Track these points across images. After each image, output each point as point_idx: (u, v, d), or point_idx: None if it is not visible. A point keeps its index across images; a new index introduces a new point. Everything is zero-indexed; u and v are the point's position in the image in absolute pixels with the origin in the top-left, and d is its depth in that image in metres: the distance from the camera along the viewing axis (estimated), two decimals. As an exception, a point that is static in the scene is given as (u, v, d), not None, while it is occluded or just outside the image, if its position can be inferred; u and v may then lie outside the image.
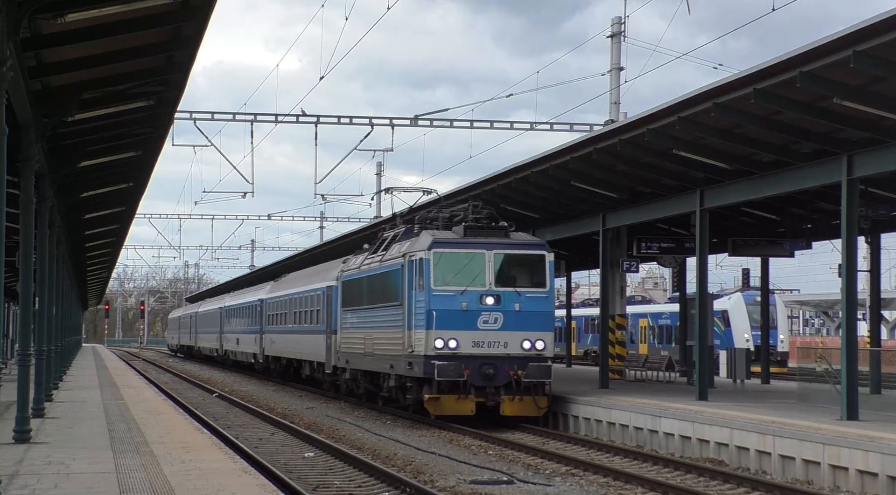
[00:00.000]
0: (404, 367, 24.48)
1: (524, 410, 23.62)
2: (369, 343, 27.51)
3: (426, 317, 23.54)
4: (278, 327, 43.05)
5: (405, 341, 24.33)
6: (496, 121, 37.86)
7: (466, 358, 23.37)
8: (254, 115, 36.13)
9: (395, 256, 25.53)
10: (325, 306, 33.74)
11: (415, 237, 25.12)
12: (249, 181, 39.70)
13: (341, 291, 31.26)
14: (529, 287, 24.07)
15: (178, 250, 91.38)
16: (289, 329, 40.58)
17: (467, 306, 23.57)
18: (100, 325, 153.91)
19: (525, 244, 24.61)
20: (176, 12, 14.07)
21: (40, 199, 19.50)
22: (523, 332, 23.67)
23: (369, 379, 28.63)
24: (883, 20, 14.70)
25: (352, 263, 30.78)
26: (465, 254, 23.96)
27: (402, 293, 24.68)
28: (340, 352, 31.09)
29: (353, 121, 37.18)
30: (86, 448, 15.63)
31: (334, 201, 61.68)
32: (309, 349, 36.29)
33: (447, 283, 23.71)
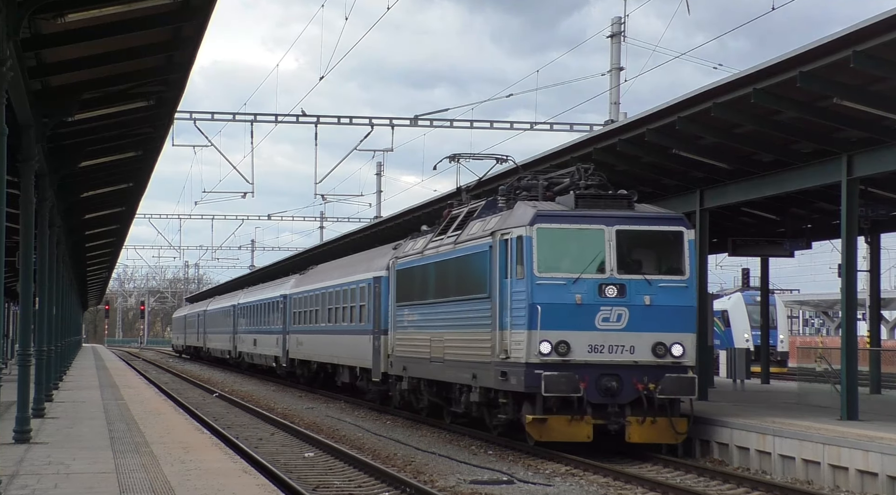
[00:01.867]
0: (494, 378, 19.38)
1: (657, 436, 18.51)
2: (437, 346, 22.56)
3: (528, 314, 18.44)
4: (307, 326, 37.68)
5: (495, 344, 19.27)
6: (496, 121, 37.91)
7: (581, 366, 18.32)
8: (254, 115, 36.17)
9: (479, 236, 20.47)
10: (372, 301, 28.57)
11: (506, 211, 20.13)
12: (249, 181, 39.75)
13: (395, 283, 25.89)
14: (663, 274, 19.04)
15: (178, 250, 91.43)
16: (321, 328, 35.32)
17: (582, 299, 18.55)
18: (100, 325, 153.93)
19: (657, 218, 19.41)
20: (176, 12, 14.08)
21: (40, 199, 19.51)
22: (656, 333, 18.59)
23: (436, 390, 23.55)
24: (883, 20, 14.71)
25: (408, 248, 25.47)
26: (579, 231, 18.91)
27: (491, 282, 19.64)
28: (394, 357, 25.88)
29: (352, 121, 37.19)
30: (86, 448, 15.63)
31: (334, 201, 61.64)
32: (349, 352, 31.11)
33: (555, 269, 18.67)
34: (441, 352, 22.31)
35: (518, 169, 23.99)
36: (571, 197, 19.42)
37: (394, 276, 25.99)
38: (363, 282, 29.86)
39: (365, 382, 29.64)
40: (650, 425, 18.38)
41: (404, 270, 25.17)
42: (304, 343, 38.05)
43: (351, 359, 30.88)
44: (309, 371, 38.00)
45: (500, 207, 20.72)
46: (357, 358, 30.00)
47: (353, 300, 30.82)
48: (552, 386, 18.02)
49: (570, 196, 19.54)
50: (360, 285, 30.28)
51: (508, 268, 19.08)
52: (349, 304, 31.38)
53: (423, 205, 32.58)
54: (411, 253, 24.86)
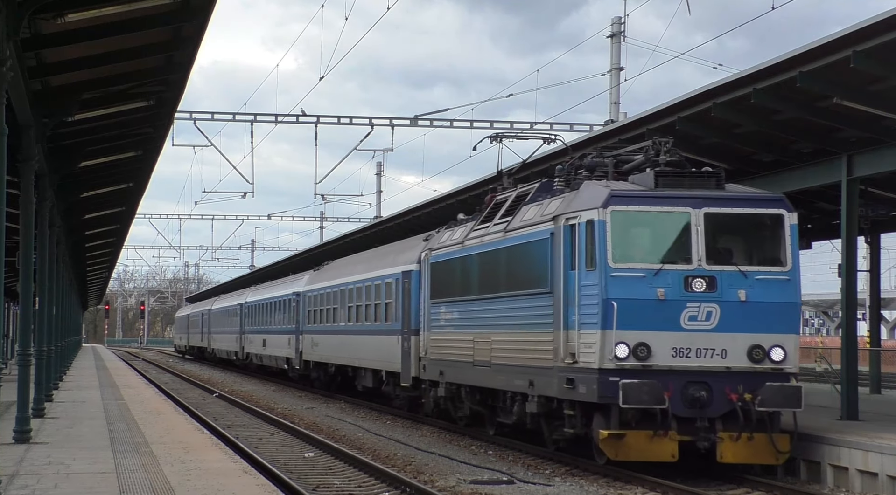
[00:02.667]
0: (557, 386, 16.87)
1: (754, 455, 15.99)
2: (483, 348, 20.08)
3: (601, 311, 15.92)
4: (324, 326, 35.06)
5: (559, 347, 16.76)
6: (496, 121, 37.93)
7: (664, 373, 15.83)
8: (254, 115, 36.19)
9: (537, 221, 17.89)
10: (400, 298, 26.00)
11: (569, 192, 17.53)
12: (249, 181, 39.76)
13: (429, 277, 23.39)
14: (760, 264, 16.50)
15: (178, 250, 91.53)
16: (341, 328, 32.66)
17: (665, 294, 16.01)
18: (100, 325, 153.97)
19: (752, 199, 16.76)
20: (176, 12, 14.09)
21: (40, 199, 19.52)
22: (752, 334, 16.09)
23: (479, 398, 21.16)
24: (883, 20, 14.71)
25: (445, 239, 22.88)
26: (661, 215, 16.35)
27: (553, 275, 17.05)
28: (428, 360, 23.38)
29: (352, 121, 37.20)
30: (86, 448, 15.63)
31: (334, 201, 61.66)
32: (373, 354, 28.45)
33: (633, 259, 16.21)
34: (487, 354, 19.86)
35: (568, 150, 21.66)
36: (650, 175, 16.73)
37: (427, 270, 23.54)
38: (390, 278, 27.27)
39: (392, 387, 27.09)
40: (746, 442, 15.79)
41: (441, 263, 22.61)
42: (321, 344, 35.46)
43: (375, 362, 28.38)
44: (325, 374, 35.55)
45: (558, 189, 18.22)
46: (383, 360, 27.45)
47: (379, 297, 28.32)
48: (632, 397, 15.45)
49: (647, 174, 16.84)
50: (385, 281, 27.68)
51: (576, 259, 16.56)
52: (373, 302, 28.85)
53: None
54: (449, 243, 22.29)
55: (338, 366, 33.37)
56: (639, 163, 17.83)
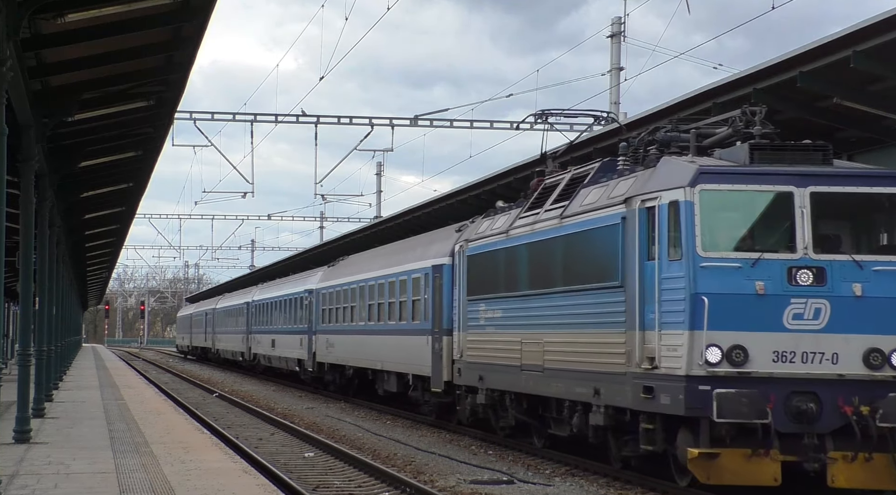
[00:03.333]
0: (631, 395, 14.60)
1: (872, 479, 13.50)
2: (533, 351, 17.89)
3: (689, 308, 13.61)
4: (340, 326, 32.62)
5: (633, 350, 14.47)
6: (496, 120, 37.94)
7: (764, 381, 13.44)
8: (254, 115, 36.19)
9: (603, 205, 15.61)
10: (431, 295, 23.79)
11: (641, 170, 15.26)
12: (249, 181, 39.77)
13: (465, 272, 21.19)
14: (878, 253, 13.98)
15: (178, 250, 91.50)
16: (360, 328, 30.27)
17: (765, 288, 13.62)
18: (100, 325, 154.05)
19: (867, 176, 14.28)
20: (176, 12, 14.11)
21: (40, 199, 19.53)
22: (870, 335, 13.62)
23: (527, 407, 18.89)
24: (883, 20, 14.71)
25: (484, 228, 20.67)
26: (759, 195, 13.93)
27: (625, 266, 14.80)
28: (464, 363, 21.19)
29: (353, 121, 37.21)
30: (86, 448, 15.64)
31: (334, 201, 61.63)
32: (398, 356, 26.23)
33: (726, 246, 13.82)
34: (539, 358, 17.64)
35: (622, 129, 19.97)
36: (743, 148, 14.32)
37: (463, 264, 21.31)
38: (418, 272, 24.95)
39: (420, 393, 24.82)
40: (863, 464, 13.35)
41: (480, 256, 20.38)
42: (337, 344, 32.99)
43: (401, 365, 26.07)
44: (342, 377, 33.16)
45: (625, 169, 16.02)
46: (409, 363, 25.16)
47: (405, 294, 26.03)
48: (729, 409, 13.21)
49: (739, 148, 14.45)
50: (413, 276, 25.38)
51: (655, 247, 14.24)
52: (398, 299, 26.63)
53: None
54: (489, 233, 20.04)
55: (356, 369, 30.97)
56: (723, 136, 15.25)
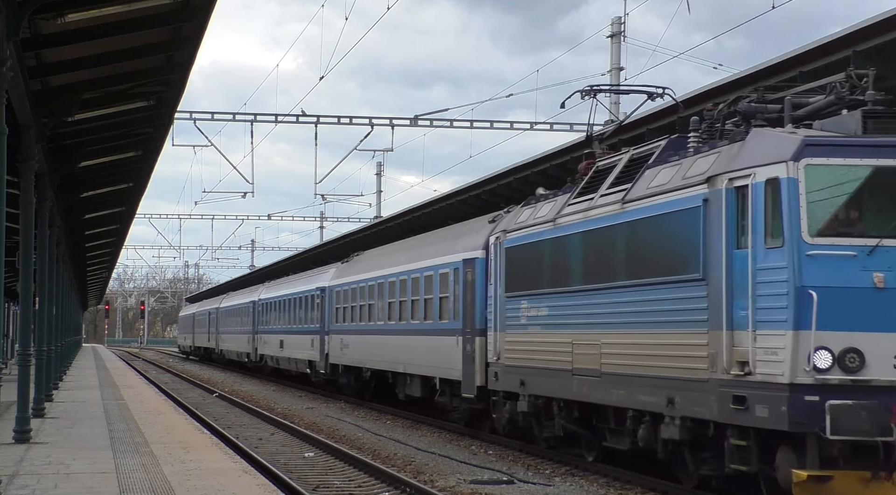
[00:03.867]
0: (716, 405, 12.59)
1: None
2: (587, 353, 15.91)
3: (794, 304, 11.66)
4: (356, 325, 30.72)
5: (719, 352, 12.49)
6: (496, 121, 37.96)
7: (885, 391, 11.57)
8: (254, 115, 36.16)
9: (676, 186, 13.65)
10: (461, 291, 21.85)
11: (725, 145, 13.22)
12: (249, 181, 39.76)
13: (503, 265, 19.30)
14: None
15: (178, 250, 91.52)
16: (378, 328, 28.37)
17: (884, 280, 11.75)
18: (100, 325, 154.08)
19: None
20: (176, 12, 14.11)
21: (40, 199, 19.53)
22: None
23: (578, 416, 16.94)
24: (883, 20, 14.72)
25: (525, 217, 18.85)
26: (878, 171, 11.99)
27: (708, 256, 12.81)
28: (501, 366, 19.34)
29: (353, 121, 37.20)
30: (86, 448, 15.64)
31: (334, 201, 61.64)
32: (424, 358, 24.33)
33: (835, 232, 11.89)
34: (594, 361, 15.68)
35: (678, 106, 18.35)
36: (853, 117, 12.33)
37: (500, 257, 19.40)
38: (446, 267, 22.98)
39: (448, 398, 22.91)
40: None
41: (521, 248, 18.51)
42: (352, 345, 30.96)
43: (426, 368, 24.12)
44: (358, 380, 31.17)
45: (700, 146, 14.07)
46: (436, 366, 23.22)
47: (430, 291, 24.04)
48: (845, 424, 11.31)
49: (848, 116, 12.45)
50: (440, 271, 23.39)
51: (747, 232, 12.34)
52: (423, 297, 24.63)
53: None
54: (532, 223, 18.21)
55: (374, 372, 28.90)
56: (822, 105, 13.17)
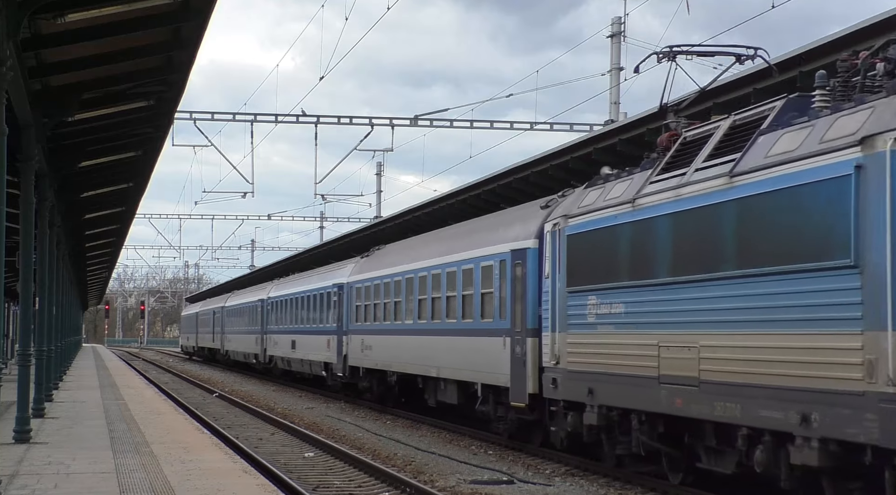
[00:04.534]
0: (877, 426, 10.12)
1: None
2: (680, 357, 13.51)
3: None
4: (380, 325, 28.23)
5: (883, 358, 10.06)
6: (496, 121, 37.96)
7: None
8: (254, 115, 36.18)
9: (812, 152, 11.31)
10: (509, 287, 19.46)
11: (880, 98, 10.88)
12: (249, 181, 39.76)
13: (565, 256, 16.77)
14: None
15: (178, 250, 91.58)
16: (407, 327, 25.87)
17: None
18: (100, 325, 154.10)
19: None
20: (176, 12, 14.11)
21: (40, 199, 19.53)
22: None
23: (665, 432, 14.42)
24: (883, 20, 14.72)
25: (592, 200, 16.34)
26: None
27: (863, 237, 10.44)
28: (563, 372, 16.71)
29: (353, 121, 37.21)
30: (86, 448, 15.63)
31: (334, 201, 61.67)
32: (462, 361, 21.86)
33: None
34: (690, 367, 13.27)
35: (772, 69, 16.38)
36: None
37: (561, 246, 16.89)
38: (489, 260, 20.59)
39: (492, 407, 20.42)
40: None
41: (588, 234, 16.06)
42: (375, 346, 28.46)
43: (465, 372, 21.71)
44: (382, 384, 28.67)
45: (836, 105, 11.69)
46: (478, 370, 20.88)
47: (470, 286, 21.67)
48: None
49: None
50: (482, 264, 21.03)
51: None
52: (461, 293, 22.18)
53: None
54: (603, 205, 15.75)
55: (401, 375, 26.62)
56: None
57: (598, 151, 22.65)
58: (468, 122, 37.04)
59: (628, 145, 21.89)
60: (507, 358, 19.26)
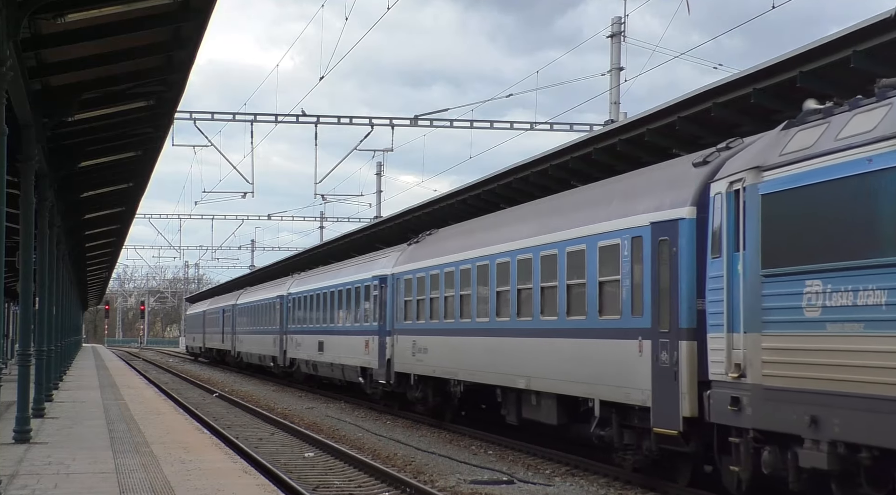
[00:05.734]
0: None
1: None
2: None
3: None
4: (438, 324, 23.60)
5: None
6: (496, 121, 37.95)
7: None
8: (254, 115, 36.17)
9: None
10: (650, 273, 14.79)
11: None
12: (249, 181, 39.75)
13: (757, 226, 12.30)
14: None
15: (178, 250, 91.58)
16: (479, 327, 21.08)
17: None
18: (100, 325, 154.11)
19: None
20: (176, 12, 14.11)
21: (40, 199, 19.53)
22: None
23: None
24: (883, 20, 14.72)
25: (801, 143, 11.97)
26: None
27: None
28: (755, 389, 12.06)
29: (353, 121, 37.20)
30: (86, 448, 15.63)
31: (334, 201, 61.66)
32: (566, 370, 17.16)
33: None
34: None
35: None
36: None
37: (751, 212, 12.30)
38: (615, 237, 15.87)
39: (616, 431, 15.66)
40: None
41: (807, 192, 11.41)
42: (433, 349, 23.86)
43: (574, 385, 16.86)
44: (438, 395, 24.23)
45: None
46: (596, 382, 16.12)
47: (580, 273, 16.86)
48: None
49: None
50: (600, 244, 16.29)
51: None
52: (564, 282, 17.39)
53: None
54: (838, 145, 11.09)
55: (469, 385, 22.08)
56: None
57: (598, 151, 22.63)
58: (468, 121, 37.04)
59: (628, 145, 21.88)
60: (647, 367, 14.62)
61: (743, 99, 18.03)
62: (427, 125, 37.01)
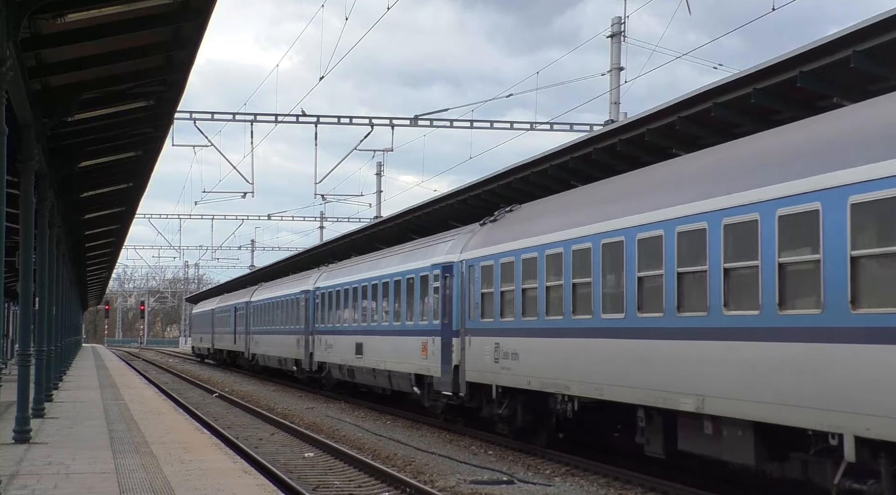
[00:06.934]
0: None
1: None
2: None
3: None
4: (533, 322, 18.57)
5: None
6: (496, 121, 37.94)
7: None
8: (254, 115, 36.16)
9: None
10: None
11: None
12: (249, 181, 39.75)
13: None
14: None
15: (178, 250, 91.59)
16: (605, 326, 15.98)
17: None
18: (100, 325, 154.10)
19: None
20: (176, 12, 14.11)
21: (40, 199, 19.53)
22: None
23: None
24: (883, 20, 14.71)
25: None
26: None
27: None
28: None
29: (353, 121, 37.20)
30: (86, 448, 15.63)
31: (334, 201, 61.66)
32: (775, 387, 11.74)
33: None
34: None
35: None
36: None
37: None
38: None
39: (888, 483, 10.56)
40: None
41: None
42: (526, 355, 18.78)
43: (791, 409, 11.56)
44: (531, 413, 19.40)
45: None
46: (846, 409, 10.76)
47: (805, 246, 11.58)
48: None
49: None
50: (866, 198, 10.89)
51: None
52: (776, 259, 11.95)
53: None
54: None
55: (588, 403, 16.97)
56: None
57: (598, 151, 22.62)
58: (468, 122, 37.05)
59: (628, 145, 21.88)
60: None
61: (743, 99, 18.02)
62: (427, 125, 37.03)
